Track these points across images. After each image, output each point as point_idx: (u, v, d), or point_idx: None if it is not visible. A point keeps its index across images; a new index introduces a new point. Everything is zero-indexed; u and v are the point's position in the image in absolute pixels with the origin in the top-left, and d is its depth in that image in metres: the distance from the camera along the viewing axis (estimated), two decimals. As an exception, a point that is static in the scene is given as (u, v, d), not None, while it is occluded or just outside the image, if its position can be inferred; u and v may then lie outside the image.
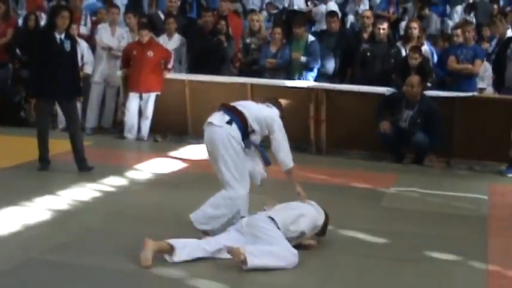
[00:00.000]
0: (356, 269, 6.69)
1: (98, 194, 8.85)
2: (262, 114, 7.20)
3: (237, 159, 7.03)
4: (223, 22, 13.07)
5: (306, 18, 15.25)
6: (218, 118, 7.06)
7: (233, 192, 7.08)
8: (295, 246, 6.60)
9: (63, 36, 9.73)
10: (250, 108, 7.21)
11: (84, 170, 9.85)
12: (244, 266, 6.21)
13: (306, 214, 6.94)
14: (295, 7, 17.80)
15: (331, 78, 12.79)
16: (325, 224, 7.13)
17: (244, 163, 7.13)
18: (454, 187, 9.82)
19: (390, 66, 12.42)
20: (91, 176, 9.62)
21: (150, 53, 12.38)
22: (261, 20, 13.31)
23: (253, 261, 6.24)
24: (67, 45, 9.76)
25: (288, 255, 6.44)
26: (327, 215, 7.15)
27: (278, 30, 12.76)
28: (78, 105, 10.52)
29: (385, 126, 11.18)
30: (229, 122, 7.02)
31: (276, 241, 6.48)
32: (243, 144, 7.05)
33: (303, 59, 12.36)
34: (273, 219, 6.61)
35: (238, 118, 7.04)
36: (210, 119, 7.09)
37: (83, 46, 12.69)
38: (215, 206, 7.16)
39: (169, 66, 12.72)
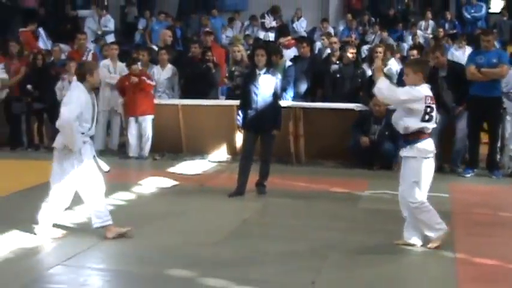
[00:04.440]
0: (340, 264, 6.74)
1: (109, 208, 8.78)
2: None
3: None
4: (209, 53, 13.17)
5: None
6: None
7: None
8: None
9: (263, 72, 9.53)
10: None
11: (261, 193, 9.63)
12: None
13: None
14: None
15: (303, 98, 12.84)
16: None
17: None
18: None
19: (357, 85, 12.54)
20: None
21: (138, 81, 12.42)
22: (242, 50, 13.34)
23: None
24: (265, 80, 9.48)
25: None
26: None
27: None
28: None
29: (364, 141, 11.32)
30: None
31: None
32: None
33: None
34: None
35: None
36: None
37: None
38: None
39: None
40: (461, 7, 19.73)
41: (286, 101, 12.28)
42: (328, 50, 14.77)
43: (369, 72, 12.48)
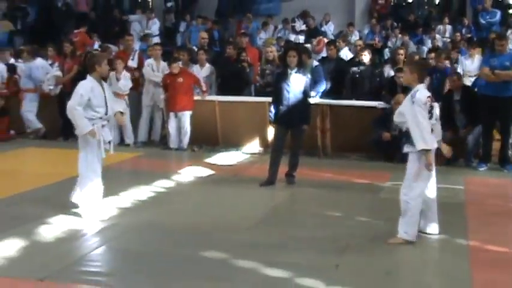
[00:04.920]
0: (361, 249, 6.70)
1: (151, 194, 8.91)
2: None
3: None
4: (244, 53, 13.13)
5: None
6: None
7: None
8: None
9: (294, 71, 9.42)
10: None
11: (290, 183, 9.55)
12: None
13: None
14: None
15: (329, 96, 12.74)
16: None
17: None
18: (437, 180, 9.77)
19: (376, 85, 12.44)
20: (144, 180, 9.62)
21: (180, 79, 12.36)
22: (274, 50, 13.28)
23: None
24: (296, 79, 9.38)
25: None
26: None
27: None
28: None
29: (386, 136, 11.20)
30: None
31: None
32: None
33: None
34: None
35: None
36: None
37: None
38: None
39: (204, 88, 12.72)
40: (477, 13, 19.47)
41: (314, 98, 12.23)
42: (342, 52, 14.76)
43: (391, 73, 12.39)
